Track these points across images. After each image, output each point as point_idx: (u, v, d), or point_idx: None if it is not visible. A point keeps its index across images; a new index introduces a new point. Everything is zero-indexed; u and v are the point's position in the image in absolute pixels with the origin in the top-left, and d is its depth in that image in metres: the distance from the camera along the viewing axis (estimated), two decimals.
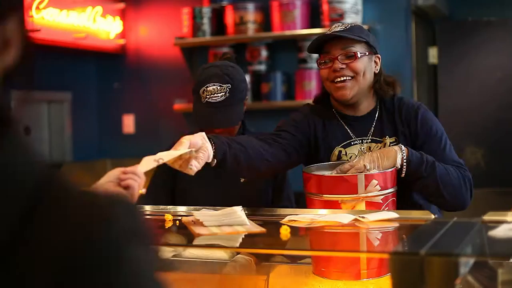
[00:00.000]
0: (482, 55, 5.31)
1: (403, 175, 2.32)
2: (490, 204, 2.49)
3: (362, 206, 2.19)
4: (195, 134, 2.08)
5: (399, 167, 2.30)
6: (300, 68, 4.97)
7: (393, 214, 2.06)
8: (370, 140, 2.50)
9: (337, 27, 2.49)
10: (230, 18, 5.09)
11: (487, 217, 1.94)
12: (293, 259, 2.27)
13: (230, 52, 3.40)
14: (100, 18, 5.47)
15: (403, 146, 2.34)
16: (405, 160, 2.31)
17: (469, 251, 1.59)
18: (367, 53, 2.47)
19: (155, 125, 5.67)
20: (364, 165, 2.28)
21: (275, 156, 2.42)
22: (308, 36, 4.88)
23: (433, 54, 5.61)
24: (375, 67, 2.52)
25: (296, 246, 1.98)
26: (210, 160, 2.10)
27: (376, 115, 2.53)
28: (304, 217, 2.05)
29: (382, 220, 2.01)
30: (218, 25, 5.19)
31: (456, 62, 5.40)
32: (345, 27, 2.47)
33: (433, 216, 2.02)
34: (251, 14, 5.02)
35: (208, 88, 2.66)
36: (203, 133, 2.11)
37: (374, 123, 2.51)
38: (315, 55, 4.91)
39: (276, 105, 5.01)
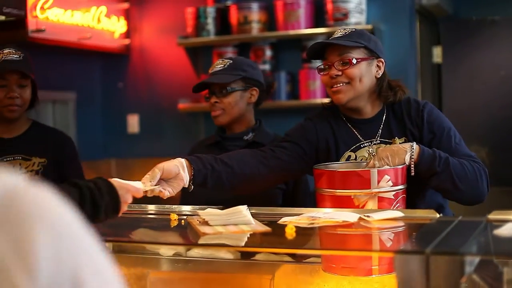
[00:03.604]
0: (487, 54, 5.31)
1: (412, 173, 2.32)
2: (495, 203, 2.47)
3: (374, 202, 2.19)
4: (172, 161, 2.20)
5: (408, 165, 2.32)
6: (305, 68, 4.97)
7: (398, 213, 2.06)
8: (379, 142, 2.53)
9: (338, 33, 2.53)
10: (234, 17, 5.09)
11: (492, 216, 1.95)
12: (298, 258, 2.27)
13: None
14: (104, 18, 5.47)
15: (415, 145, 2.35)
16: (413, 159, 2.32)
17: (474, 249, 1.60)
18: (365, 59, 2.48)
19: (160, 125, 5.68)
20: (374, 163, 2.30)
21: (271, 169, 2.48)
22: (312, 35, 4.88)
23: (437, 53, 5.61)
24: (377, 71, 2.53)
25: (302, 245, 1.98)
26: (186, 186, 2.23)
27: (384, 117, 2.55)
28: (301, 217, 2.05)
29: (387, 219, 2.02)
30: (222, 25, 5.20)
31: (460, 61, 5.39)
32: (345, 32, 2.50)
33: (437, 215, 2.02)
34: (255, 14, 5.02)
35: (215, 63, 2.98)
36: (181, 160, 2.23)
37: (382, 125, 2.54)
38: None
39: (280, 105, 5.02)
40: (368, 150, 2.51)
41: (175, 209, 2.38)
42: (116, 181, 1.59)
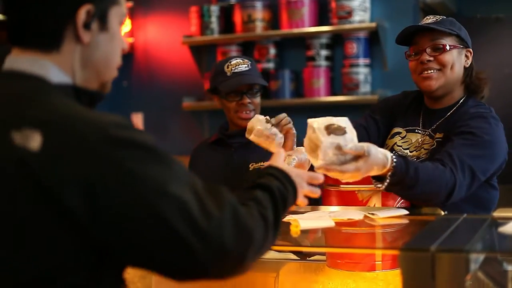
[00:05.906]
0: (491, 51, 5.30)
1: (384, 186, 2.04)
2: (500, 201, 2.47)
3: (378, 197, 2.19)
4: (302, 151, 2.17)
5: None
6: (309, 66, 4.97)
7: (403, 211, 2.06)
8: (428, 134, 2.47)
9: (428, 19, 2.50)
10: (238, 16, 5.10)
11: (496, 214, 1.95)
12: (303, 256, 2.28)
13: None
14: None
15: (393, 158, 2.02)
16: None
17: (479, 247, 1.60)
18: (457, 46, 2.45)
19: (164, 124, 5.68)
20: None
21: None
22: (316, 34, 4.88)
23: None
24: (466, 61, 2.49)
25: (306, 243, 1.99)
26: None
27: (451, 111, 2.47)
28: (307, 216, 2.05)
29: (392, 217, 2.02)
30: (226, 24, 5.20)
31: None
32: (436, 19, 2.47)
33: (442, 213, 2.03)
34: (259, 12, 5.02)
35: (231, 62, 2.87)
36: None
37: (442, 119, 2.47)
38: (324, 53, 4.93)
39: (284, 103, 5.01)
40: (419, 139, 2.47)
41: None
42: (286, 167, 1.53)
